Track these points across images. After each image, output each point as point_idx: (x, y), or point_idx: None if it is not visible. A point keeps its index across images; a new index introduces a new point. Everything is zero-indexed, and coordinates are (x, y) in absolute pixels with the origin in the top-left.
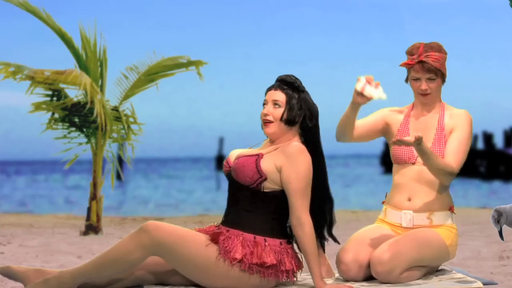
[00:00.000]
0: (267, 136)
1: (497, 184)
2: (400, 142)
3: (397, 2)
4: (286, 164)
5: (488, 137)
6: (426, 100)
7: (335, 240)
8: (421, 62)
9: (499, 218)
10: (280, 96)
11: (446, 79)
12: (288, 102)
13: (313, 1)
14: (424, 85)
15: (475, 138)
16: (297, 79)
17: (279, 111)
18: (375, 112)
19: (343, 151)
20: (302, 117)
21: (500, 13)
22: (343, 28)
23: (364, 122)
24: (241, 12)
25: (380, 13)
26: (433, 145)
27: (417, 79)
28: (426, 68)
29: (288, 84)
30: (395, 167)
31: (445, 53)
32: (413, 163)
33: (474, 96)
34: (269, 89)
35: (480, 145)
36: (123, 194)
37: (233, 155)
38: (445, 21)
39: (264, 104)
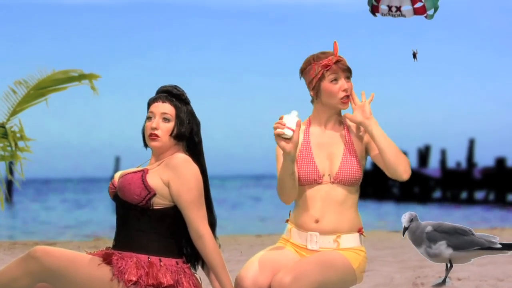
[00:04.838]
0: (152, 150)
1: (411, 207)
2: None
3: (305, 11)
4: (173, 177)
5: None
6: (347, 106)
7: None
8: (338, 61)
9: (411, 220)
10: (169, 109)
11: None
12: (178, 115)
13: (210, 11)
14: (346, 84)
15: None
16: (183, 90)
17: (169, 125)
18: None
19: (247, 171)
20: (190, 131)
21: (416, 29)
22: (242, 38)
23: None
24: (135, 24)
25: (283, 22)
26: (344, 155)
27: (335, 80)
28: (346, 66)
29: (176, 96)
30: (300, 188)
31: None
32: (320, 183)
33: (386, 113)
34: (154, 100)
35: None
36: (12, 217)
37: (117, 176)
38: (356, 34)
39: (149, 117)
